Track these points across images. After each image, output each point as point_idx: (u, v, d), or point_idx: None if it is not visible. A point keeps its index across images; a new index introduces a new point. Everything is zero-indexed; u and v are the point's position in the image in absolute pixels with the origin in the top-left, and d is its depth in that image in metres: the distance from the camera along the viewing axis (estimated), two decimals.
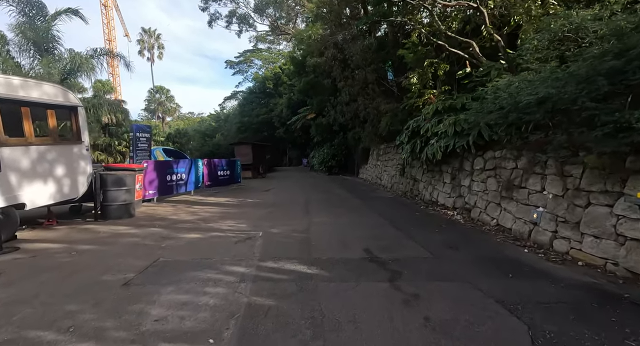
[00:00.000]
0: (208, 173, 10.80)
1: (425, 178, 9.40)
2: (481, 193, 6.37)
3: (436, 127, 7.16)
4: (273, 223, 6.05)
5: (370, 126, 13.52)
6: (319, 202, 8.94)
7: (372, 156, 16.80)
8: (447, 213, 7.21)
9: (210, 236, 5.01)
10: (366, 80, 12.00)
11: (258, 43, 53.82)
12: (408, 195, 10.36)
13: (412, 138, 9.14)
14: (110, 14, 51.76)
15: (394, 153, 12.97)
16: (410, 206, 8.54)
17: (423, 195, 9.32)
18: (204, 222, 6.07)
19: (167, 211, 7.21)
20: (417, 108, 8.79)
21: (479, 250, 4.45)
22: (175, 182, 9.05)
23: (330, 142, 21.48)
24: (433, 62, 7.77)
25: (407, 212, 7.61)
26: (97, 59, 13.23)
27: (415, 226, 6.00)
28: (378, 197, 10.23)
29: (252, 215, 6.98)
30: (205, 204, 8.38)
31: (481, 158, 6.51)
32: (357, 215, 7.06)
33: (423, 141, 8.49)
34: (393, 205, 8.66)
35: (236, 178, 12.91)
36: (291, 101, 28.89)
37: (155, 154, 10.78)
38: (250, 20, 25.85)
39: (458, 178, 7.43)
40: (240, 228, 5.60)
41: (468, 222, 6.38)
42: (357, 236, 5.17)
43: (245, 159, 17.82)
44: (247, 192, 11.16)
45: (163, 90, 44.92)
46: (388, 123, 10.09)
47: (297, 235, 5.22)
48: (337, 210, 7.79)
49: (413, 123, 8.78)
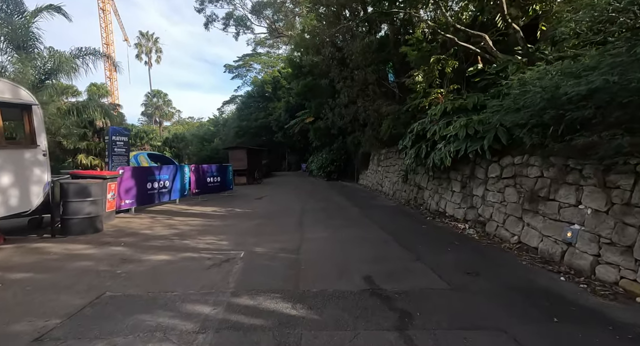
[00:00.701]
0: (196, 180, 10.02)
1: (430, 186, 8.61)
2: (498, 205, 5.58)
3: (445, 130, 6.40)
4: (259, 240, 5.26)
5: (371, 130, 12.78)
6: (315, 212, 8.14)
7: (372, 161, 16.04)
8: (458, 226, 6.41)
9: (182, 258, 4.20)
10: (366, 81, 11.28)
11: (257, 47, 53.39)
12: (412, 203, 9.57)
13: (416, 142, 8.38)
14: (108, 17, 51.51)
15: (395, 159, 12.21)
16: (414, 217, 7.74)
17: (428, 204, 8.52)
18: (180, 238, 5.27)
19: (142, 224, 6.41)
20: (423, 109, 8.04)
21: (505, 277, 3.65)
22: (157, 190, 8.27)
23: (329, 147, 20.74)
24: (440, 59, 7.05)
25: (411, 224, 6.81)
26: (82, 58, 12.50)
27: (423, 243, 5.19)
28: (379, 206, 9.44)
29: (238, 228, 6.18)
30: (188, 215, 7.58)
31: (497, 165, 5.73)
32: (357, 229, 6.26)
33: (429, 145, 7.73)
34: (396, 216, 7.86)
35: (228, 184, 12.12)
36: (289, 105, 28.24)
37: (139, 160, 10.03)
38: (247, 23, 25.32)
39: (469, 186, 6.64)
40: (220, 247, 4.80)
41: (483, 237, 5.58)
42: (356, 257, 4.37)
43: (240, 164, 17.05)
44: (237, 200, 10.36)
45: (160, 94, 44.34)
46: (390, 127, 9.35)
47: (285, 255, 4.42)
48: (334, 221, 6.99)
49: (417, 126, 8.03)
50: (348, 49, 11.41)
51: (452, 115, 6.66)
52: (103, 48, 51.40)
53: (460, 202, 6.91)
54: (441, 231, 6.18)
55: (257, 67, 56.42)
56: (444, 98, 6.82)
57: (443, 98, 6.71)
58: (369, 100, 11.38)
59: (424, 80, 7.39)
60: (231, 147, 20.80)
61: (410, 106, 8.79)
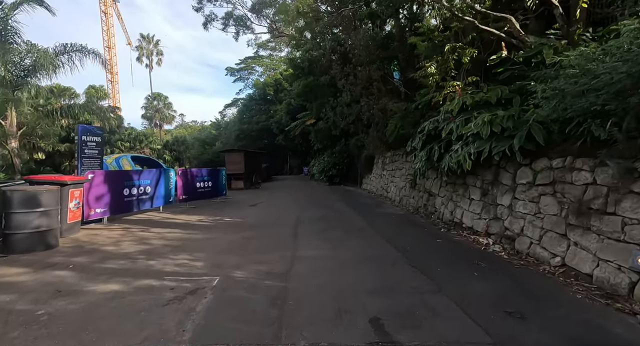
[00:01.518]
0: (183, 185, 9.15)
1: (443, 192, 7.66)
2: (531, 217, 4.62)
3: (463, 128, 5.47)
4: (242, 260, 4.34)
5: (375, 131, 11.86)
6: (313, 222, 7.21)
7: (376, 165, 15.10)
8: (479, 240, 5.45)
9: (136, 288, 3.29)
10: (370, 78, 10.40)
11: (259, 50, 52.95)
12: (421, 211, 8.61)
13: (427, 143, 7.46)
14: (110, 21, 51.33)
15: (402, 162, 11.27)
16: (426, 228, 6.79)
17: (441, 213, 7.56)
18: (147, 257, 4.36)
19: (110, 237, 5.51)
20: (435, 105, 7.13)
21: (563, 322, 2.69)
22: (136, 196, 7.40)
23: (331, 150, 19.85)
24: (456, 47, 6.14)
25: (424, 238, 5.86)
26: (68, 55, 11.75)
27: (442, 264, 4.24)
28: (385, 214, 8.49)
29: (220, 243, 5.27)
30: (168, 225, 6.68)
31: (528, 169, 4.79)
32: (360, 244, 5.32)
33: (442, 146, 6.81)
34: (404, 226, 6.91)
35: (220, 190, 11.24)
36: (290, 107, 27.45)
37: (121, 163, 9.19)
38: (247, 22, 24.65)
39: (491, 194, 5.69)
40: (192, 270, 3.89)
41: (513, 256, 4.61)
42: (360, 285, 3.43)
43: (236, 168, 16.19)
44: (229, 208, 9.46)
45: (161, 96, 43.77)
46: (397, 127, 8.43)
47: (271, 283, 3.50)
48: (334, 234, 6.06)
49: (429, 125, 7.11)
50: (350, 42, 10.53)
51: (472, 110, 5.73)
52: (105, 51, 51.27)
53: (480, 212, 5.95)
54: (460, 247, 5.22)
55: (259, 70, 55.97)
56: (463, 91, 5.89)
57: (461, 91, 5.78)
58: (373, 99, 10.48)
59: (437, 72, 6.48)
60: (227, 149, 19.97)
61: (420, 103, 7.87)
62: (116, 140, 32.76)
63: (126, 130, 37.60)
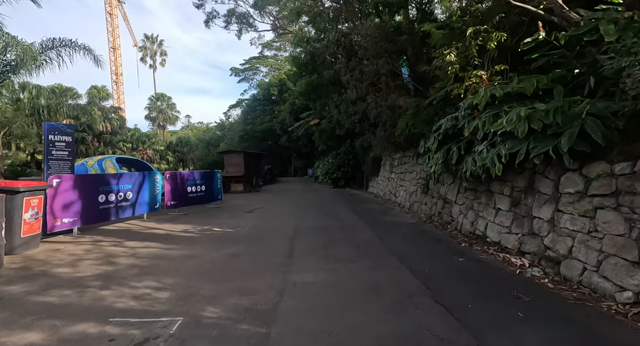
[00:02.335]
0: (171, 190, 8.33)
1: (462, 199, 6.71)
2: (583, 236, 3.67)
3: (492, 125, 4.53)
4: (219, 288, 3.47)
5: (383, 130, 10.94)
6: (313, 234, 6.33)
7: (383, 167, 14.18)
8: (511, 260, 4.51)
9: (61, 339, 2.43)
10: (378, 73, 9.49)
11: (264, 50, 52.45)
12: (435, 220, 7.67)
13: (444, 143, 6.55)
14: (115, 22, 51.25)
15: (413, 165, 10.34)
16: (444, 242, 5.85)
17: (459, 223, 6.62)
18: (101, 285, 3.51)
19: (72, 254, 4.68)
20: (453, 100, 6.23)
21: None
22: (114, 203, 6.59)
23: (335, 151, 18.96)
24: (480, 31, 5.22)
25: (443, 255, 4.93)
26: (56, 51, 11.07)
27: (473, 296, 3.32)
28: (395, 224, 7.56)
29: (199, 263, 4.41)
30: (146, 238, 5.84)
31: (577, 175, 3.84)
32: (368, 264, 4.42)
33: (462, 147, 5.89)
34: (419, 240, 5.98)
35: (215, 194, 10.41)
36: (294, 107, 26.65)
37: (104, 166, 8.42)
38: (250, 20, 23.91)
39: (525, 204, 4.74)
40: (150, 306, 3.03)
41: (560, 285, 3.67)
42: (370, 335, 2.54)
43: (236, 170, 15.40)
44: (222, 215, 8.62)
45: (164, 97, 43.34)
46: (408, 125, 7.50)
47: (249, 328, 2.63)
48: (336, 250, 5.17)
49: (446, 123, 6.19)
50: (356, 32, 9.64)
51: (501, 104, 4.80)
52: (109, 52, 51.22)
53: (510, 225, 5.00)
54: (489, 269, 4.28)
55: (263, 70, 55.51)
56: (488, 82, 4.96)
57: (488, 81, 4.85)
58: (381, 95, 9.57)
59: (457, 60, 5.56)
60: (226, 151, 19.21)
61: (435, 98, 6.95)
62: (118, 141, 32.36)
63: (129, 131, 37.25)
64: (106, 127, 31.24)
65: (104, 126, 30.97)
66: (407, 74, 12.27)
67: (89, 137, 30.02)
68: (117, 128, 32.84)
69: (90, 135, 30.32)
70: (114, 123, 32.39)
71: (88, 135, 29.89)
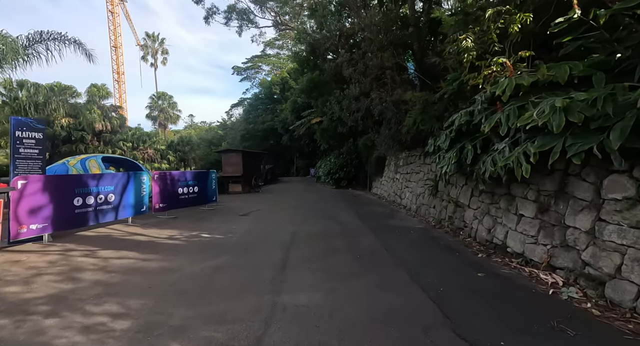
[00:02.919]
0: (160, 192, 7.75)
1: (476, 203, 6.06)
2: (636, 252, 3.01)
3: (519, 120, 3.88)
4: (193, 315, 2.87)
5: (387, 129, 10.29)
6: (311, 241, 5.72)
7: (388, 167, 13.53)
8: (539, 276, 3.86)
9: None
10: (382, 66, 8.83)
11: (267, 48, 52.01)
12: (446, 225, 7.03)
13: (456, 141, 5.90)
14: (117, 20, 50.94)
15: (419, 164, 9.68)
16: (457, 251, 5.21)
17: (473, 229, 5.97)
18: (49, 311, 2.91)
19: (32, 267, 4.10)
20: (467, 93, 5.58)
21: None
22: (93, 207, 6.02)
23: (338, 150, 18.34)
24: (501, 12, 4.56)
25: (460, 270, 4.29)
26: (45, 44, 10.55)
27: (502, 328, 2.68)
28: (402, 229, 6.92)
29: (176, 278, 3.81)
30: (125, 246, 5.24)
31: (626, 178, 3.19)
32: (374, 281, 3.79)
33: (478, 145, 5.24)
34: (430, 250, 5.34)
35: (210, 195, 9.81)
36: (296, 105, 26.03)
37: (88, 165, 7.84)
38: (250, 16, 23.34)
39: (555, 211, 4.08)
40: (99, 343, 2.42)
41: (608, 311, 3.02)
42: None
43: (234, 170, 14.81)
44: (214, 218, 8.02)
45: (165, 96, 42.90)
46: (416, 121, 6.85)
47: None
48: (336, 261, 4.55)
49: (460, 118, 5.53)
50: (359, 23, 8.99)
51: (527, 95, 4.15)
52: (111, 51, 50.95)
53: (536, 235, 4.35)
54: (516, 288, 3.63)
55: (266, 69, 55.03)
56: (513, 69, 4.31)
57: (512, 69, 4.19)
58: (386, 91, 8.92)
59: (473, 47, 4.90)
60: (224, 150, 18.64)
61: (446, 92, 6.30)
62: (118, 140, 31.91)
63: (130, 130, 36.85)
64: (106, 126, 30.79)
65: (103, 125, 30.53)
66: (413, 69, 11.63)
67: (88, 135, 29.57)
68: (117, 127, 32.40)
69: (90, 134, 29.89)
70: (114, 122, 31.95)
71: (87, 134, 29.45)
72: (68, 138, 29.10)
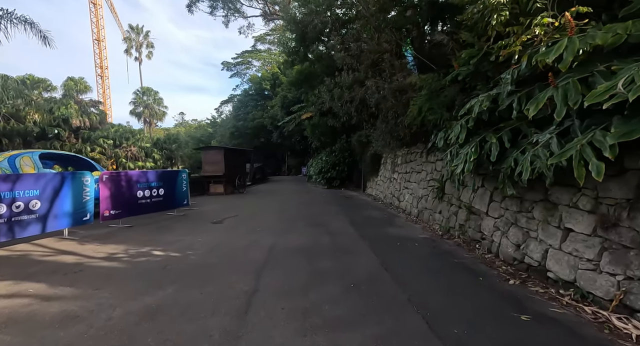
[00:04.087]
0: (112, 196, 6.38)
1: (497, 210, 4.89)
2: None
3: (580, 96, 2.68)
4: None
5: (384, 122, 9.07)
6: (292, 261, 4.46)
7: (384, 166, 12.34)
8: (613, 323, 2.68)
9: None
10: (379, 49, 7.59)
11: (257, 43, 50.51)
12: (456, 235, 5.86)
13: (474, 133, 4.70)
14: (100, 12, 48.72)
15: (421, 163, 8.50)
16: (479, 273, 4.01)
17: (495, 243, 4.80)
18: None
19: None
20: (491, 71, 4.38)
21: None
22: (5, 218, 4.61)
23: (330, 148, 17.08)
24: None
25: (490, 306, 3.09)
26: None
27: None
28: (403, 240, 5.72)
29: (78, 334, 2.52)
30: (33, 274, 3.89)
31: None
32: (370, 329, 2.57)
33: (506, 137, 4.06)
34: (442, 271, 4.13)
35: (180, 199, 8.44)
36: (286, 100, 24.70)
37: (19, 164, 6.36)
38: (237, 5, 21.85)
39: (627, 227, 2.90)
40: None
41: None
42: None
43: (215, 169, 13.43)
44: (178, 228, 6.69)
45: (151, 91, 40.95)
46: (423, 110, 5.62)
47: None
48: (320, 295, 3.31)
49: (480, 104, 4.32)
50: None
51: (588, 64, 2.94)
52: (94, 44, 48.70)
53: (597, 259, 3.16)
54: (578, 340, 2.44)
55: (256, 65, 53.59)
56: (561, 33, 3.10)
57: (574, 24, 2.98)
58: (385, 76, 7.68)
59: (507, 2, 3.67)
60: (204, 147, 17.24)
61: (461, 73, 5.09)
62: (98, 137, 30.04)
63: (113, 127, 34.98)
64: (84, 122, 28.94)
65: (81, 121, 28.63)
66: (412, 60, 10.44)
67: (64, 132, 27.57)
68: (96, 123, 30.55)
69: (67, 131, 27.89)
70: (93, 118, 30.09)
71: (63, 131, 27.45)
72: (42, 135, 27.19)
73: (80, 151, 28.71)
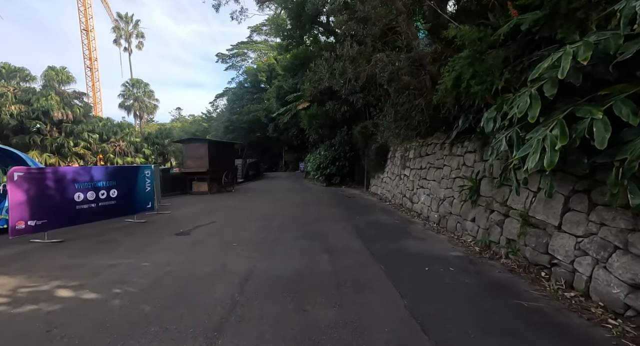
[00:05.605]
0: (29, 201, 4.57)
1: (583, 225, 3.25)
2: None
3: None
4: None
5: (396, 107, 7.36)
6: (272, 307, 2.83)
7: (392, 161, 10.68)
8: None
9: None
10: (392, 10, 5.87)
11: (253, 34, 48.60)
12: (503, 254, 4.24)
13: (550, 108, 3.05)
14: (88, 1, 46.47)
15: (442, 156, 6.85)
16: (569, 330, 2.36)
17: (581, 275, 3.16)
18: None
19: None
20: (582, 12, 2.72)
21: None
22: None
23: (329, 141, 15.38)
24: None
25: None
26: None
27: None
28: (429, 260, 4.08)
29: None
30: None
31: None
32: None
33: (626, 108, 2.40)
34: (512, 329, 2.48)
35: (141, 203, 6.69)
36: (281, 90, 22.94)
37: None
38: None
39: None
40: None
41: None
42: None
43: (198, 165, 11.72)
44: (125, 244, 5.01)
45: (140, 83, 38.90)
46: (463, 78, 3.91)
47: None
48: None
49: (571, 56, 2.64)
50: None
51: None
52: (82, 34, 46.53)
53: None
54: None
55: (252, 56, 51.68)
56: None
57: None
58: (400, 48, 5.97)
59: None
60: (185, 139, 15.53)
61: (523, 21, 3.42)
62: (82, 130, 28.12)
63: (100, 121, 33.10)
64: (67, 115, 27.01)
65: (63, 113, 26.66)
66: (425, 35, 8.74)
67: (45, 126, 25.50)
68: (80, 116, 28.63)
69: (48, 124, 25.83)
70: (77, 111, 28.17)
71: (44, 124, 25.40)
72: (20, 128, 25.22)
73: (62, 145, 26.85)
